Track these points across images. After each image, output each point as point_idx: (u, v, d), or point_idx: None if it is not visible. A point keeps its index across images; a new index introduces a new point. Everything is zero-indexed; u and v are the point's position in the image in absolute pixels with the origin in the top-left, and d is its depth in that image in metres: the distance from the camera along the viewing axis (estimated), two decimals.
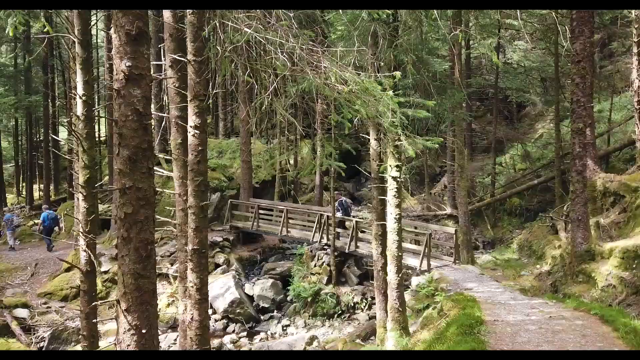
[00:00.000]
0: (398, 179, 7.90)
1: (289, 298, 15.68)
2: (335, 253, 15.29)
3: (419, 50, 8.73)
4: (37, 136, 32.26)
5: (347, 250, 15.10)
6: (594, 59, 17.98)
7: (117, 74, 4.77)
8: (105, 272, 15.92)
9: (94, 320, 6.35)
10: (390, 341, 7.97)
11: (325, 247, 15.84)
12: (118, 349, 5.06)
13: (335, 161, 11.27)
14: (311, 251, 16.07)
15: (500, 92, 26.17)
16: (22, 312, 13.41)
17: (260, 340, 13.52)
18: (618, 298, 9.41)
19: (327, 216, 15.74)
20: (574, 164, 10.97)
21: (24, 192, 30.24)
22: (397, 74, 7.19)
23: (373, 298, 15.24)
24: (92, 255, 6.23)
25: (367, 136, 9.76)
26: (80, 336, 12.62)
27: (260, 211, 18.79)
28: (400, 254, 8.14)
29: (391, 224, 8.01)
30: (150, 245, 5.04)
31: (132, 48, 4.67)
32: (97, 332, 6.48)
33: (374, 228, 9.77)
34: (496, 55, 22.58)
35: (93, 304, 6.23)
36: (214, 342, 13.20)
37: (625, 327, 5.40)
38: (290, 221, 17.86)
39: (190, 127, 6.56)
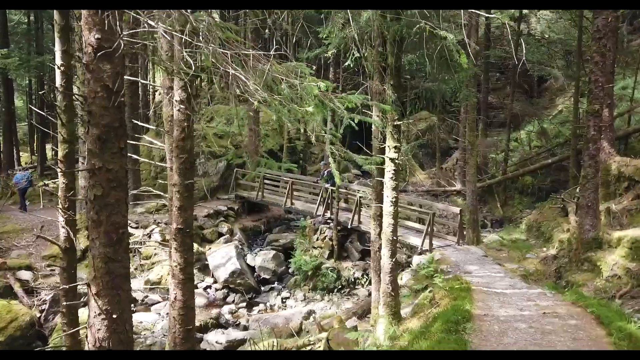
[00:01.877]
0: (396, 161, 7.55)
1: (290, 270, 15.67)
2: (339, 227, 15.12)
3: (430, 19, 8.14)
4: (52, 96, 32.27)
5: (349, 226, 14.92)
6: (620, 33, 16.98)
7: (85, 47, 4.47)
8: None
9: (73, 303, 6.27)
10: (380, 326, 7.83)
11: (329, 221, 15.67)
12: (89, 333, 4.95)
13: (339, 135, 10.89)
14: (314, 224, 15.92)
15: (521, 64, 25.16)
16: (25, 274, 13.60)
17: (258, 311, 13.58)
18: (622, 290, 9.08)
19: (332, 189, 15.49)
20: (587, 147, 10.45)
21: (37, 152, 30.49)
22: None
23: None
24: (71, 233, 6.09)
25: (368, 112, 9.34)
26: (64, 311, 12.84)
27: (266, 181, 18.63)
28: (395, 237, 7.88)
29: (387, 207, 7.72)
30: (122, 228, 4.85)
31: (101, 18, 4.34)
32: (76, 311, 6.41)
33: (373, 208, 9.50)
34: (518, 25, 21.51)
35: (73, 284, 6.13)
36: (213, 312, 13.30)
37: (620, 333, 5.12)
38: (296, 193, 17.69)
39: (176, 101, 6.27)
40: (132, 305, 13.81)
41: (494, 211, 20.56)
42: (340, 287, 14.44)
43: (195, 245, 15.98)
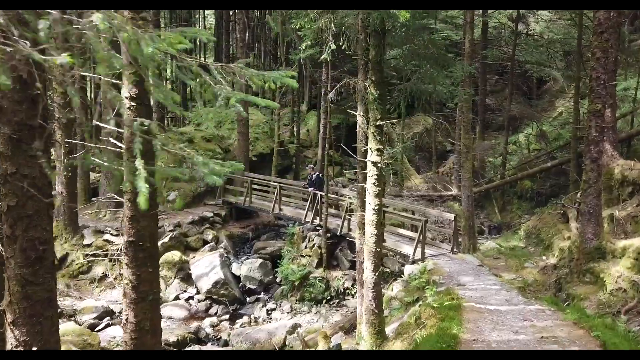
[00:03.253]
0: (379, 165, 6.84)
1: (278, 280, 14.93)
2: (328, 235, 14.39)
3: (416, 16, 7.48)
4: None
5: (339, 233, 14.19)
6: (622, 31, 16.30)
7: None
8: (88, 246, 15.29)
9: None
10: (363, 345, 7.11)
11: (318, 227, 14.94)
12: None
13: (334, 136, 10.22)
14: (302, 232, 15.18)
15: (519, 65, 24.51)
16: None
17: (241, 325, 12.82)
18: (628, 304, 8.33)
19: (321, 195, 14.76)
20: (589, 149, 9.71)
21: None
22: None
23: None
24: None
25: (353, 112, 8.62)
26: None
27: (255, 186, 17.92)
28: (378, 249, 7.15)
29: (369, 215, 7.00)
30: (43, 244, 4.13)
31: None
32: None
33: (358, 216, 8.78)
34: (515, 25, 20.85)
35: None
36: (193, 325, 12.56)
37: None
38: (285, 198, 16.98)
39: (126, 98, 5.57)
40: (109, 318, 13.09)
41: (492, 217, 19.83)
42: (329, 297, 13.69)
43: (179, 254, 15.28)
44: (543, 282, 11.66)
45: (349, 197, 14.50)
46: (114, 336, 11.58)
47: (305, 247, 14.82)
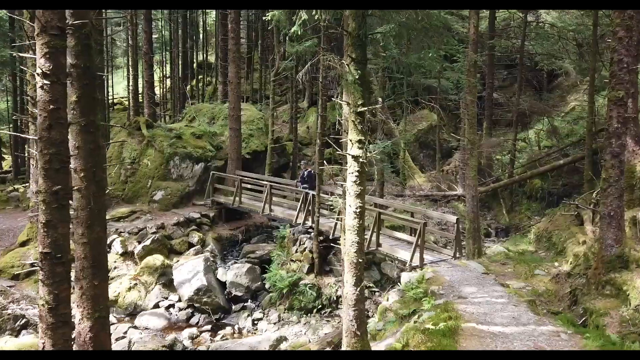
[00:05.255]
0: (361, 159, 5.70)
1: (267, 286, 13.82)
2: (320, 238, 13.26)
3: None
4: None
5: (331, 236, 13.06)
6: None
7: None
8: None
9: None
10: None
11: (310, 230, 13.82)
12: None
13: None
14: (293, 234, 14.07)
15: (529, 58, 23.18)
16: None
17: (222, 337, 11.73)
18: None
19: (313, 195, 13.64)
20: (610, 143, 8.50)
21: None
22: None
23: None
24: None
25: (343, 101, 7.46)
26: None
27: (247, 185, 16.84)
28: (360, 260, 6.02)
29: (350, 220, 5.88)
30: None
31: None
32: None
33: (343, 219, 7.65)
34: (525, 15, 19.56)
35: None
36: (169, 337, 11.50)
37: None
38: (278, 199, 15.89)
39: (38, 74, 4.51)
40: None
41: (499, 218, 18.58)
42: (320, 306, 12.57)
43: (161, 258, 14.26)
44: (556, 292, 10.45)
45: (341, 197, 13.36)
46: None
47: (296, 251, 13.71)
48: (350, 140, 5.75)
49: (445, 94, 23.75)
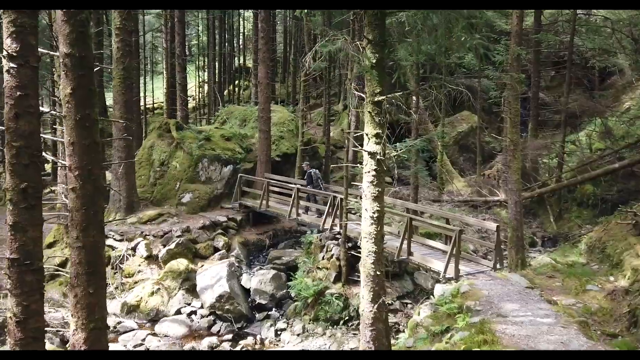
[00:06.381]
0: (378, 156, 4.92)
1: (293, 293, 13.14)
2: (349, 244, 12.48)
3: None
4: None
5: (359, 243, 12.22)
6: None
7: None
8: None
9: None
10: None
11: (338, 236, 13.06)
12: None
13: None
14: (321, 240, 13.35)
15: (579, 54, 21.60)
16: None
17: (242, 348, 11.12)
18: None
19: (341, 199, 12.88)
20: None
21: None
22: None
23: (390, 302, 12.40)
24: None
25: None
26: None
27: (275, 188, 16.28)
28: (379, 272, 5.23)
29: (366, 226, 5.12)
30: None
31: None
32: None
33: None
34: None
35: None
36: (188, 346, 11.00)
37: None
38: (305, 203, 15.24)
39: (4, 57, 4.00)
40: None
41: (546, 226, 17.21)
42: (347, 318, 11.77)
43: (185, 262, 13.86)
44: (611, 311, 9.25)
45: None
46: None
47: (323, 258, 12.98)
48: (366, 135, 4.98)
49: (486, 94, 22.51)
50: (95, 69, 6.00)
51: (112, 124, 16.79)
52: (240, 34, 38.93)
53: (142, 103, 29.06)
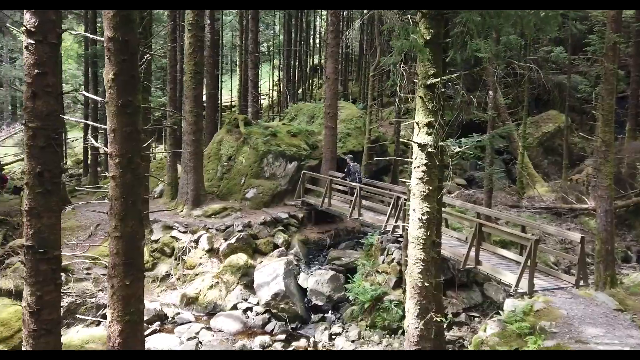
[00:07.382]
0: (429, 148, 4.21)
1: (350, 297, 12.56)
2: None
3: None
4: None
5: None
6: None
7: None
8: (155, 241, 14.48)
9: None
10: None
11: (400, 239, 12.28)
12: None
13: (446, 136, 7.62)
14: (381, 242, 12.63)
15: None
16: None
17: (294, 349, 10.72)
18: None
19: (405, 199, 12.08)
20: None
21: None
22: None
23: (456, 314, 11.43)
24: None
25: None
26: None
27: (338, 187, 15.79)
28: (427, 283, 4.51)
29: (413, 229, 4.42)
30: None
31: None
32: None
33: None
34: None
35: None
36: (238, 344, 10.79)
37: None
38: (368, 202, 14.58)
39: (23, 32, 3.80)
40: (159, 322, 11.91)
41: None
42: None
43: (245, 257, 13.74)
44: None
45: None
46: (148, 348, 10.25)
47: (383, 262, 12.26)
48: (417, 124, 4.28)
49: (576, 92, 20.44)
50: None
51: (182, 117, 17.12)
52: (317, 33, 38.90)
53: (218, 100, 29.76)
